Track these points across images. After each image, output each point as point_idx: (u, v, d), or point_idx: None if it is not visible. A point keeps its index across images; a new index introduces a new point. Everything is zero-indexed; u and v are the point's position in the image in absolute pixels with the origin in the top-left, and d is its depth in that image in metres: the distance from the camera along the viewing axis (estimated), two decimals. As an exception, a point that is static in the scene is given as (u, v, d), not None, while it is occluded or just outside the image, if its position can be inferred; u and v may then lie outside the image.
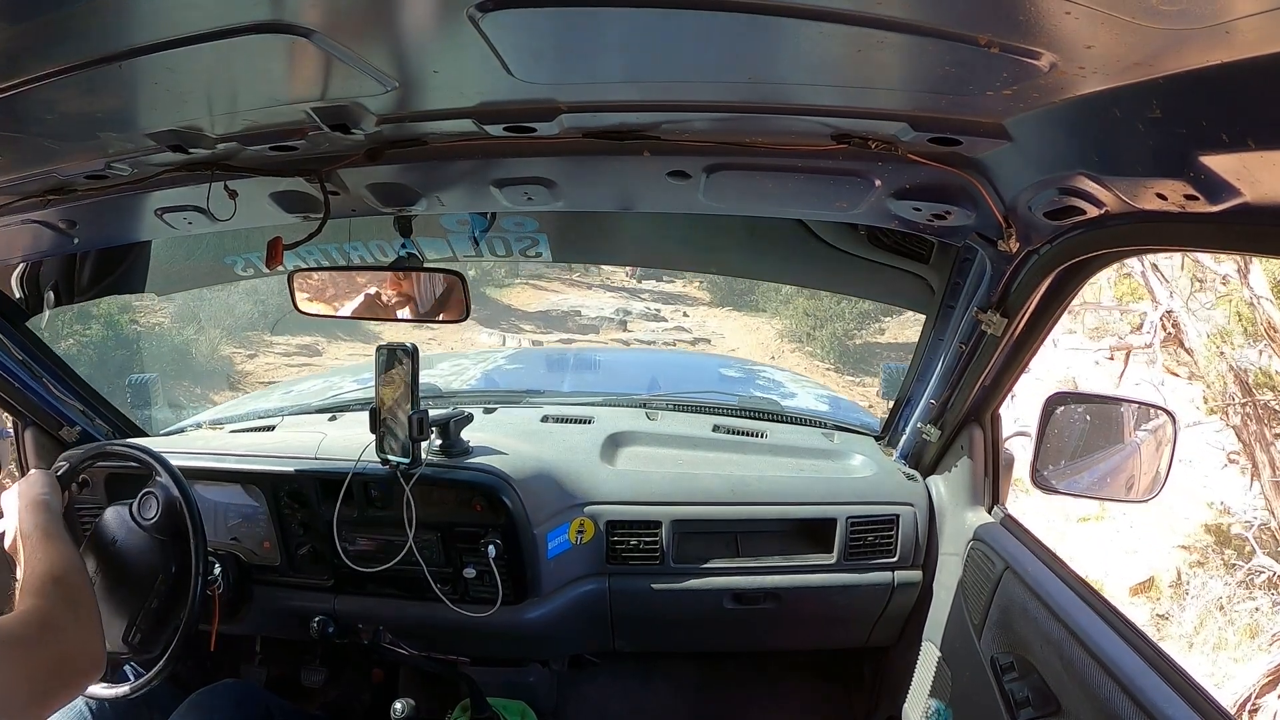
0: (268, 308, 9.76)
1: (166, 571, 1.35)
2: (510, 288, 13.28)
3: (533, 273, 13.71)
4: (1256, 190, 0.60)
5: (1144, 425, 1.34)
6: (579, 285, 14.41)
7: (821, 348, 11.22)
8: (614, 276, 14.47)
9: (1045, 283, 1.05)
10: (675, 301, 13.97)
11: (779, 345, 11.88)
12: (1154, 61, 0.55)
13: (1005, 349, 1.22)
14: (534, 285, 13.77)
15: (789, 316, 11.92)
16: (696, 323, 12.83)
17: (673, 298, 14.13)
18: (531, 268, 12.94)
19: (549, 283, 14.07)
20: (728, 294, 13.75)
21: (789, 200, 1.08)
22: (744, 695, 2.10)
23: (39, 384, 1.59)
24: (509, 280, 13.30)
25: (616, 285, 14.55)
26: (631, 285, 14.52)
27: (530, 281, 13.78)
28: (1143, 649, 0.97)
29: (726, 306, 13.61)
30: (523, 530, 1.48)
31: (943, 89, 0.71)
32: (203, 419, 2.04)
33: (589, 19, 0.62)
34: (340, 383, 2.64)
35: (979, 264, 1.17)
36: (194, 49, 0.62)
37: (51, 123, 0.80)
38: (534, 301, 13.22)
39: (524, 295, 13.36)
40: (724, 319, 13.18)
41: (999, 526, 1.38)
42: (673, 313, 13.22)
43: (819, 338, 11.32)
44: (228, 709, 1.39)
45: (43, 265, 1.53)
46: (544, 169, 1.03)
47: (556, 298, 13.51)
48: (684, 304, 13.96)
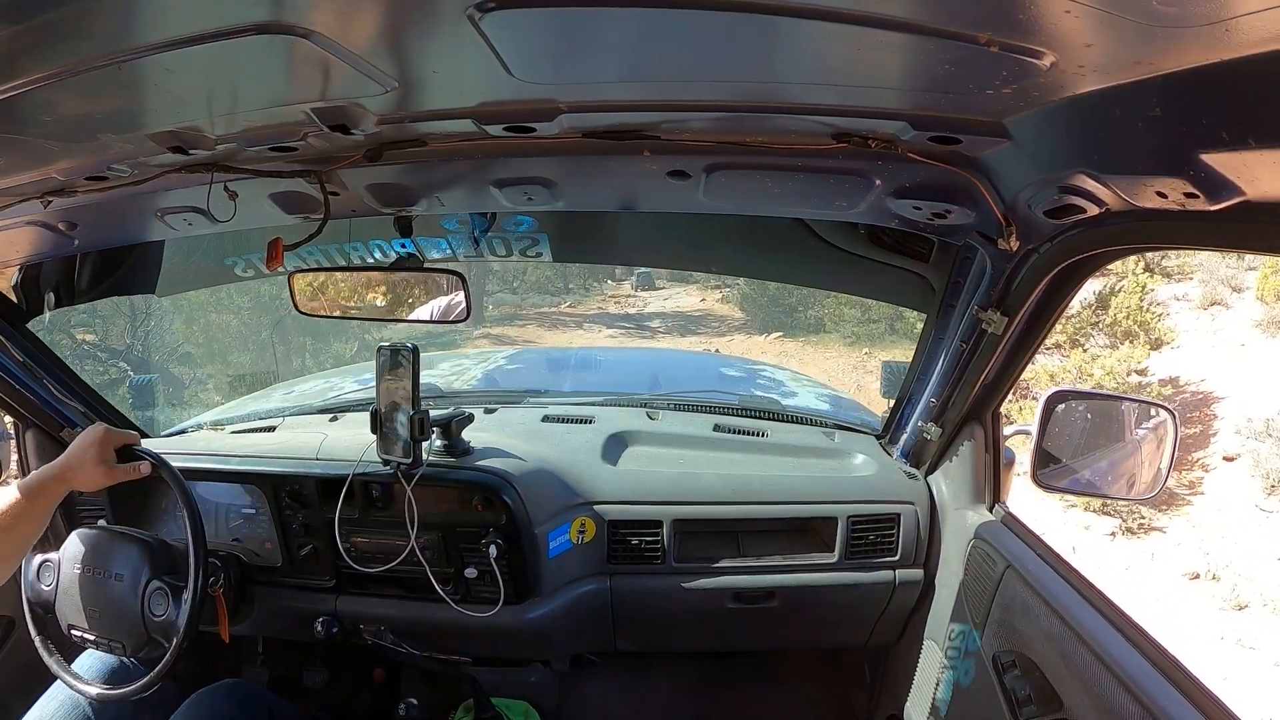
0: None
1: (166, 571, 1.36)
2: (463, 346, 9.06)
3: (505, 313, 10.41)
4: (1257, 188, 0.60)
5: (1144, 423, 1.34)
6: (564, 323, 10.59)
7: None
8: (610, 303, 11.20)
9: (1045, 281, 1.06)
10: (698, 328, 10.59)
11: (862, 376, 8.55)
12: (1154, 60, 0.55)
13: (1006, 347, 1.22)
14: (495, 336, 9.64)
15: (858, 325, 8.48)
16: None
17: (693, 323, 10.65)
18: (503, 306, 10.55)
19: (520, 327, 10.19)
20: (770, 310, 10.34)
21: (789, 200, 1.08)
22: (745, 694, 2.10)
23: (40, 385, 1.59)
24: (463, 335, 9.42)
25: (616, 316, 11.08)
26: (635, 312, 11.04)
27: (494, 329, 9.71)
28: (1144, 647, 0.97)
29: (774, 332, 10.04)
30: (524, 530, 1.48)
31: (943, 88, 0.71)
32: (204, 420, 2.04)
33: (589, 19, 0.62)
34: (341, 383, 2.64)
35: (979, 263, 1.17)
36: (194, 50, 0.62)
37: (51, 124, 0.80)
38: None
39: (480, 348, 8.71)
40: (776, 351, 9.65)
41: (1000, 525, 1.38)
42: (698, 345, 9.95)
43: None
44: (229, 709, 1.39)
45: (43, 267, 1.53)
46: (544, 169, 1.03)
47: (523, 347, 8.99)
48: (707, 329, 10.46)
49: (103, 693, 1.32)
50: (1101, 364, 7.55)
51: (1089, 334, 8.47)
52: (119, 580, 1.34)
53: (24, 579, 1.39)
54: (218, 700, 1.40)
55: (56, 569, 1.37)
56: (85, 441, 1.30)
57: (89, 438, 1.31)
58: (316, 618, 1.57)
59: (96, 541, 1.37)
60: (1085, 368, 7.54)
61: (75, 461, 1.28)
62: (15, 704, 1.55)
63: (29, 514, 1.24)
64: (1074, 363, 7.71)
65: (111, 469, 1.32)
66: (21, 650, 1.55)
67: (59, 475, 1.27)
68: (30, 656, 1.39)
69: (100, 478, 1.30)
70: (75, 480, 1.28)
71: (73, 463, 1.28)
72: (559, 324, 11.29)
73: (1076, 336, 8.45)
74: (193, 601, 1.30)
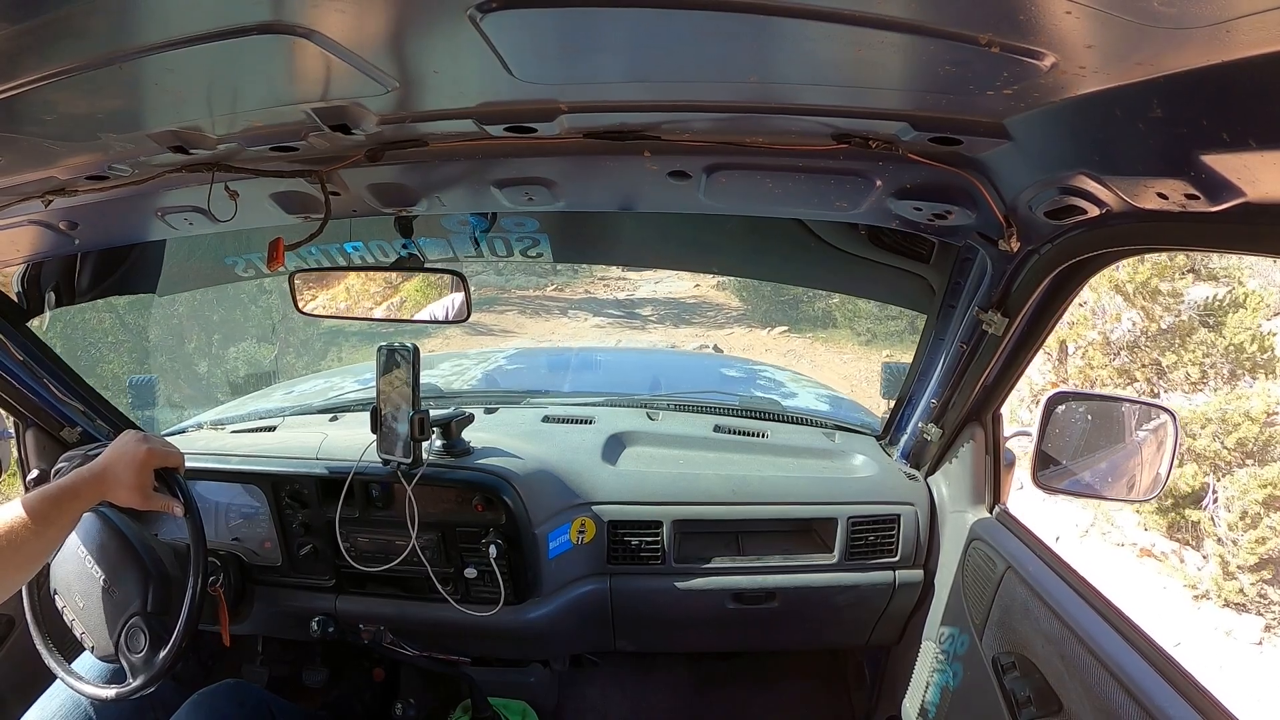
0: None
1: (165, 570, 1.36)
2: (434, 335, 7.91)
3: (485, 296, 9.32)
4: (1257, 190, 0.60)
5: (1145, 425, 1.34)
6: (548, 309, 9.39)
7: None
8: (598, 286, 10.06)
9: (1046, 282, 1.06)
10: (692, 318, 9.27)
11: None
12: (1155, 61, 0.55)
13: (1006, 348, 1.22)
14: (471, 323, 7.49)
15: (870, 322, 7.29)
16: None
17: (687, 311, 9.29)
18: (485, 289, 9.56)
19: (499, 314, 8.75)
20: (772, 300, 9.11)
21: (789, 200, 1.08)
22: (745, 695, 2.10)
23: (40, 385, 1.59)
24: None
25: (604, 302, 9.97)
26: (625, 297, 9.90)
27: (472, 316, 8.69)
28: (1144, 648, 0.97)
29: (778, 325, 8.97)
30: (524, 530, 1.48)
31: (943, 89, 0.71)
32: (204, 419, 2.04)
33: (589, 19, 0.62)
34: (341, 383, 2.64)
35: (979, 263, 1.17)
36: (195, 50, 0.62)
37: (52, 123, 0.80)
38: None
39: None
40: (782, 349, 8.67)
41: (1000, 526, 1.38)
42: (694, 338, 8.91)
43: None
44: (230, 709, 1.39)
45: (44, 266, 1.53)
46: (545, 169, 1.03)
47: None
48: (702, 320, 9.19)
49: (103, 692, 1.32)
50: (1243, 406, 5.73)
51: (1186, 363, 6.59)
52: (109, 594, 1.30)
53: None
54: (219, 700, 1.40)
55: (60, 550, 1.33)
56: (129, 454, 1.20)
57: (132, 450, 1.20)
58: (315, 617, 1.57)
59: (107, 543, 1.33)
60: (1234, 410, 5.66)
61: (115, 474, 1.19)
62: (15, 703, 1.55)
63: (62, 514, 1.14)
64: (1217, 402, 5.90)
65: (149, 495, 1.22)
66: (21, 650, 1.55)
67: (96, 483, 1.17)
68: (30, 656, 1.39)
69: (136, 499, 1.21)
70: (111, 493, 1.19)
71: (112, 474, 1.18)
72: (542, 310, 10.26)
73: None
74: (192, 601, 1.30)
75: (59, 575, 1.36)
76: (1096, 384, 6.89)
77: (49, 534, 1.12)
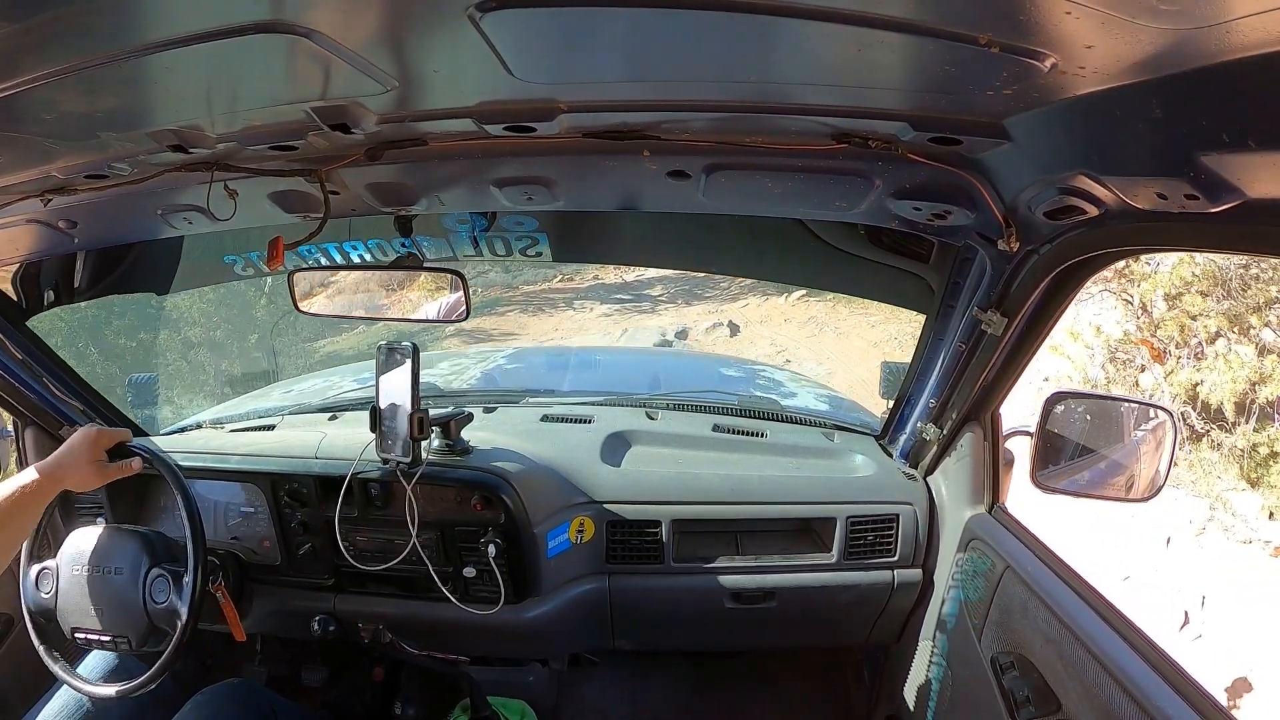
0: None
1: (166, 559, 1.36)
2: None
3: (492, 296, 9.04)
4: (1257, 190, 0.60)
5: (1143, 424, 1.34)
6: (553, 302, 9.13)
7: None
8: (606, 271, 9.71)
9: (1045, 282, 1.06)
10: (705, 293, 8.86)
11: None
12: (1154, 61, 0.55)
13: (1005, 348, 1.22)
14: (477, 320, 8.21)
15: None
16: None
17: (699, 286, 8.88)
18: (492, 289, 9.51)
19: (503, 312, 8.50)
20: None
21: (789, 200, 1.08)
22: (744, 694, 2.10)
23: (39, 383, 1.59)
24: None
25: (612, 287, 9.87)
26: (634, 279, 9.80)
27: (479, 313, 7.96)
28: (1142, 648, 0.97)
29: (796, 291, 8.59)
30: (523, 529, 1.48)
31: (943, 89, 0.71)
32: (203, 418, 2.04)
33: (589, 19, 0.62)
34: (340, 382, 2.64)
35: (979, 264, 1.17)
36: (194, 49, 0.62)
37: (51, 122, 0.80)
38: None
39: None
40: (803, 315, 8.38)
41: (999, 526, 1.38)
42: (708, 315, 8.49)
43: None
44: (230, 708, 1.39)
45: (43, 265, 1.53)
46: (544, 169, 1.03)
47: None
48: (715, 294, 8.64)
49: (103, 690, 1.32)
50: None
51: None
52: (118, 574, 1.34)
53: (23, 589, 1.38)
54: (220, 700, 1.40)
55: (55, 575, 1.36)
56: (76, 442, 1.30)
57: (80, 438, 1.30)
58: (315, 616, 1.57)
59: (93, 540, 1.37)
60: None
61: (66, 461, 1.27)
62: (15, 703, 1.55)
63: (21, 511, 1.22)
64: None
65: (103, 469, 1.31)
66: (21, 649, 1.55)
67: (50, 475, 1.25)
68: (30, 655, 1.39)
69: (92, 478, 1.30)
70: (66, 480, 1.27)
71: (64, 462, 1.27)
72: (548, 303, 10.06)
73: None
74: (193, 590, 1.30)
75: (68, 611, 1.36)
76: (1200, 334, 5.36)
77: (7, 535, 1.20)
